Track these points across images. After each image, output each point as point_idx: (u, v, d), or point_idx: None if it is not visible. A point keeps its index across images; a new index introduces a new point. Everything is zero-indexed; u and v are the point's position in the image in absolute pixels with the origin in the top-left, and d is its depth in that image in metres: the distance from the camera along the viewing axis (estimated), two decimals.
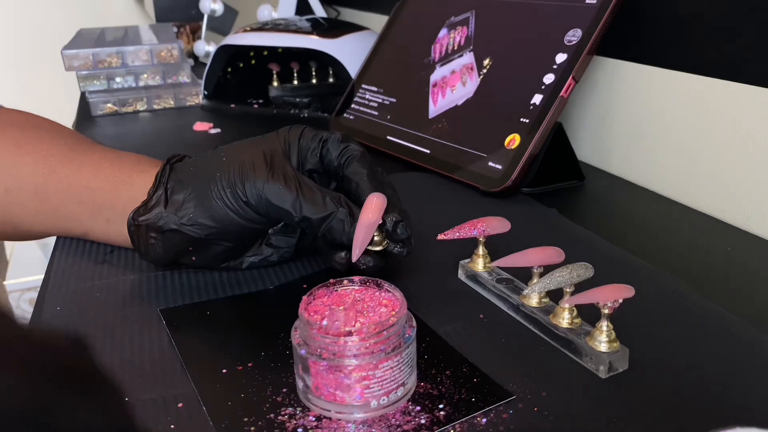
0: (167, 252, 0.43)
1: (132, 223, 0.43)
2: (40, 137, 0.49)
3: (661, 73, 0.63)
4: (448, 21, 0.75)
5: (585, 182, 0.65)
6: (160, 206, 0.42)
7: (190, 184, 0.42)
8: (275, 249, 0.46)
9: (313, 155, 0.44)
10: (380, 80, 0.80)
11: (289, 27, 0.95)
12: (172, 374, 0.36)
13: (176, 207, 0.42)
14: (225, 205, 0.41)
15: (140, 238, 0.43)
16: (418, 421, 0.32)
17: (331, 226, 0.40)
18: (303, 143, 0.44)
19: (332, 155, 0.44)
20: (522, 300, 0.40)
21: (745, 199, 0.56)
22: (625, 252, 0.49)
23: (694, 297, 0.42)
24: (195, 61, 1.29)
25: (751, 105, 0.55)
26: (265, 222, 0.42)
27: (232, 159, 0.42)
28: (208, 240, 0.42)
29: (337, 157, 0.44)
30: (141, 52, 0.97)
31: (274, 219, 0.42)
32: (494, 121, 0.64)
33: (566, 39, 0.62)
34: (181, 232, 0.42)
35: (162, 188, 0.43)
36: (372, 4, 1.19)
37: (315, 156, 0.44)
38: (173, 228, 0.42)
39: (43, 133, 0.49)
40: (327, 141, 0.44)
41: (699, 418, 0.32)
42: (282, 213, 0.40)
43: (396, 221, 0.41)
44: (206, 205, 0.41)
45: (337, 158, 0.44)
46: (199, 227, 0.41)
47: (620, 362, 0.35)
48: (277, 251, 0.46)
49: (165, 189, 0.43)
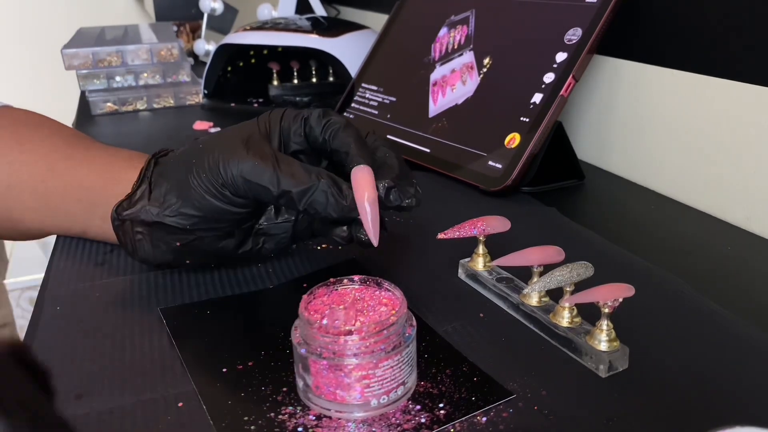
0: (156, 248, 0.42)
1: (116, 218, 0.42)
2: (42, 135, 0.49)
3: (661, 73, 0.63)
4: (448, 20, 0.75)
5: (585, 181, 0.65)
6: (144, 200, 0.41)
7: (171, 175, 0.41)
8: (270, 237, 0.45)
9: (297, 135, 0.43)
10: (380, 79, 0.80)
11: (289, 26, 0.95)
12: (172, 373, 0.36)
13: (159, 199, 0.41)
14: (204, 191, 0.40)
15: (126, 234, 0.42)
16: (418, 420, 0.32)
17: (313, 199, 0.38)
18: (284, 125, 0.43)
19: (316, 132, 0.42)
20: (522, 299, 0.40)
21: (745, 199, 0.56)
22: (625, 251, 0.49)
23: (693, 296, 0.42)
24: (195, 60, 1.29)
25: (751, 104, 0.55)
26: (247, 204, 0.41)
27: (208, 145, 0.41)
28: (194, 231, 0.41)
29: (320, 132, 0.42)
30: (141, 51, 0.97)
31: (256, 200, 0.40)
32: (494, 120, 0.64)
33: (566, 38, 0.62)
34: (166, 225, 0.41)
35: (146, 182, 0.42)
36: (372, 3, 1.19)
37: (299, 136, 0.43)
38: (157, 220, 0.41)
39: (44, 131, 0.49)
40: (308, 119, 0.42)
41: (699, 417, 0.32)
42: (260, 190, 0.39)
43: (388, 187, 0.39)
44: (186, 194, 0.40)
45: (321, 134, 0.42)
46: (182, 217, 0.41)
47: (620, 361, 0.35)
48: (272, 239, 0.45)
49: (149, 183, 0.42)
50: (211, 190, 0.40)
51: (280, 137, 0.43)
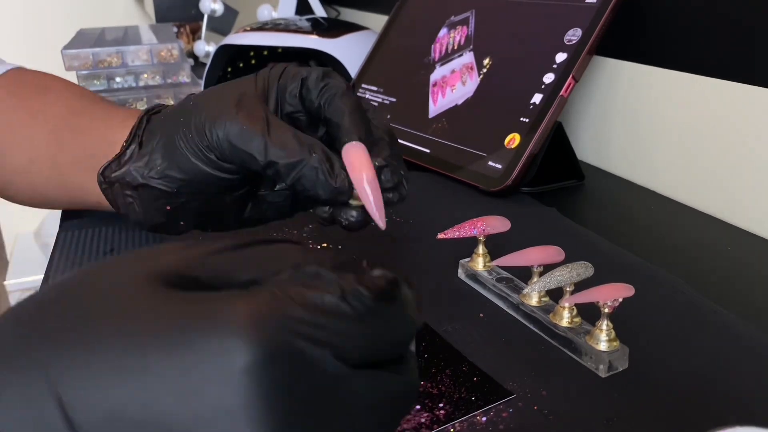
0: (147, 213, 0.40)
1: (102, 181, 0.40)
2: (51, 102, 0.47)
3: (661, 73, 0.63)
4: (448, 20, 0.75)
5: (585, 182, 0.65)
6: (132, 161, 0.39)
7: (159, 134, 0.38)
8: (270, 204, 0.42)
9: (292, 96, 0.38)
10: (380, 80, 0.80)
11: (289, 27, 0.95)
12: None
13: (145, 160, 0.38)
14: (190, 153, 0.37)
15: (117, 197, 0.40)
16: (418, 419, 0.32)
17: (302, 174, 0.34)
18: (282, 83, 0.38)
19: (312, 95, 0.38)
20: (522, 299, 0.40)
21: (745, 199, 0.56)
22: (625, 251, 0.49)
23: (693, 296, 0.42)
24: (195, 61, 1.29)
25: (751, 104, 0.55)
26: (235, 171, 0.37)
27: (198, 103, 0.37)
28: (182, 195, 0.38)
29: (317, 96, 0.37)
30: (141, 51, 0.97)
31: (243, 167, 0.37)
32: (494, 120, 0.64)
33: (566, 38, 0.62)
34: (151, 187, 0.38)
35: (136, 141, 0.39)
36: (372, 4, 1.19)
37: (294, 97, 0.38)
38: (143, 183, 0.38)
39: (50, 96, 0.48)
40: (307, 79, 0.38)
41: (699, 417, 0.32)
42: (246, 158, 0.35)
43: (379, 166, 0.36)
44: (172, 155, 0.37)
45: (317, 98, 0.37)
46: (168, 180, 0.38)
47: (620, 361, 0.35)
48: (272, 207, 0.42)
49: (139, 142, 0.39)
50: (196, 152, 0.36)
51: (277, 98, 0.38)
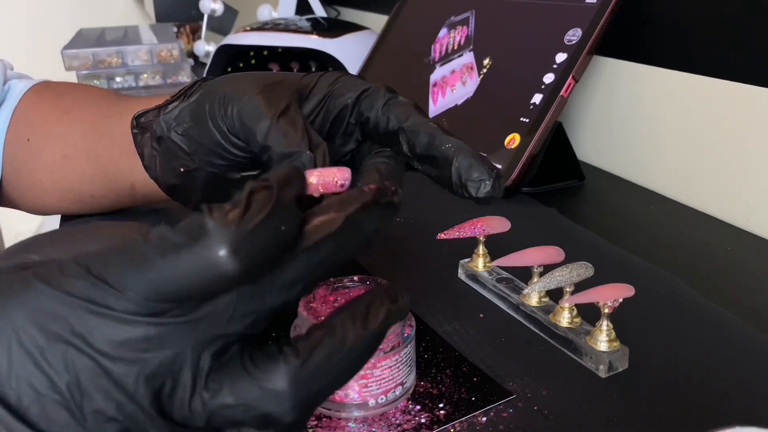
0: (163, 170, 0.41)
1: (134, 125, 0.41)
2: (83, 100, 0.50)
3: (660, 73, 0.63)
4: (448, 21, 0.75)
5: (585, 182, 0.65)
6: (168, 112, 0.40)
7: (199, 95, 0.39)
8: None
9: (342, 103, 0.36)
10: (380, 80, 0.79)
11: (289, 27, 0.95)
12: None
13: (176, 112, 0.39)
14: (210, 118, 0.37)
15: (144, 147, 0.42)
16: (419, 420, 0.32)
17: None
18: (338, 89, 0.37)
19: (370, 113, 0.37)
20: (522, 299, 0.40)
21: (745, 199, 0.56)
22: (624, 251, 0.49)
23: (693, 296, 0.42)
24: (195, 61, 1.29)
25: (751, 105, 0.55)
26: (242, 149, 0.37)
27: (239, 76, 0.38)
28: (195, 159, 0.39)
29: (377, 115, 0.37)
30: (141, 52, 0.97)
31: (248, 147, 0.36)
32: (494, 120, 0.64)
33: (566, 38, 0.62)
34: (171, 145, 0.39)
35: (181, 98, 0.40)
36: (372, 4, 1.19)
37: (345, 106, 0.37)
38: (165, 136, 0.40)
39: (86, 96, 0.50)
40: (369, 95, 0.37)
41: (699, 417, 0.32)
42: (249, 136, 0.35)
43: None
44: (198, 116, 0.38)
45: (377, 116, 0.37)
46: (188, 139, 0.39)
47: (620, 361, 0.35)
48: None
49: (182, 98, 0.40)
50: (215, 119, 0.37)
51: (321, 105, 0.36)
